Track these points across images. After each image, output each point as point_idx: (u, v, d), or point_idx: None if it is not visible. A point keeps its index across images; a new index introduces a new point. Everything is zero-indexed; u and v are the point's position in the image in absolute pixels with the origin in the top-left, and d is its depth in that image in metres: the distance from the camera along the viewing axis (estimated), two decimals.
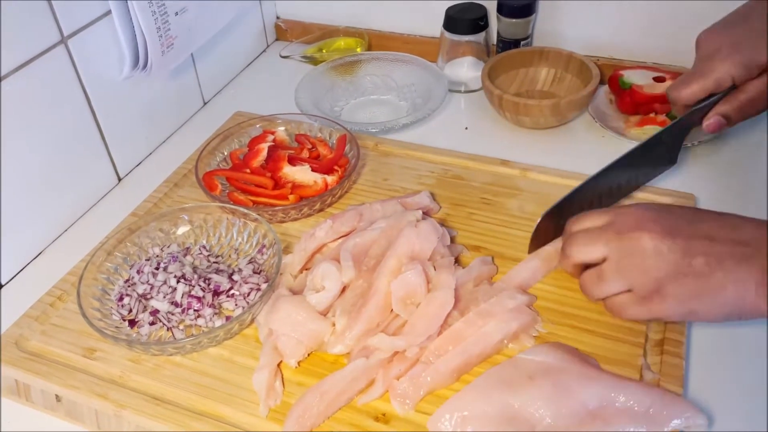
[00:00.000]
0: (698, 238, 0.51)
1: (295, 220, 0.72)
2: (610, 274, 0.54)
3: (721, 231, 0.51)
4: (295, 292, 0.62)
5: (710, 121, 0.65)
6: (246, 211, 0.67)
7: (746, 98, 0.64)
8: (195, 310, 0.60)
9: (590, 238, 0.55)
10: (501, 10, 0.90)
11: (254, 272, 0.63)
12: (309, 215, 0.73)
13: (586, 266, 0.57)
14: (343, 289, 0.60)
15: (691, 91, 0.65)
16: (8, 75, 0.65)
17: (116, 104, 0.79)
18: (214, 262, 0.65)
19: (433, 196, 0.73)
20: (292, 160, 0.75)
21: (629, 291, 0.54)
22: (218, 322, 0.60)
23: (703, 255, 0.50)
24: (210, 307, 0.60)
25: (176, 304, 0.60)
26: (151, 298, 0.61)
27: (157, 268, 0.63)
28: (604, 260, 0.54)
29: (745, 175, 0.76)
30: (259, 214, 0.67)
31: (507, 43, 0.92)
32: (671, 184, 0.74)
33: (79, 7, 0.71)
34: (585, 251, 0.55)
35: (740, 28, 0.63)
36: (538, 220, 0.63)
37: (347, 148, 0.77)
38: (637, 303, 0.53)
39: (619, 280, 0.54)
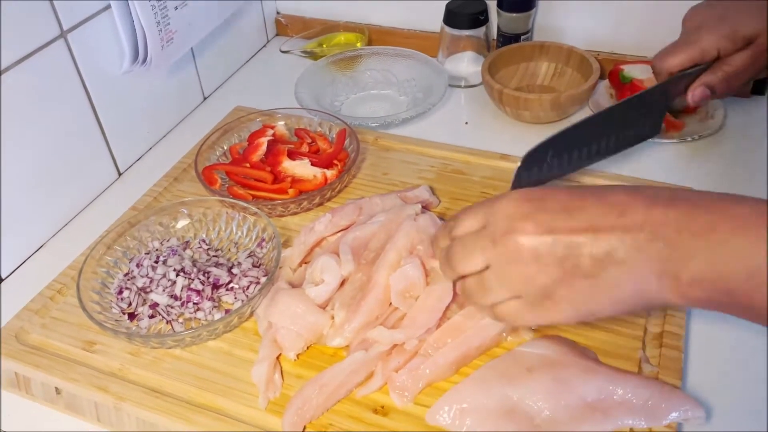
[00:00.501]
0: (580, 231, 0.44)
1: (295, 214, 0.72)
2: (493, 284, 0.47)
3: (605, 218, 0.44)
4: (295, 285, 0.62)
5: (696, 91, 0.66)
6: (245, 205, 0.67)
7: (731, 69, 0.64)
8: (194, 304, 0.60)
9: (467, 249, 0.48)
10: (501, 4, 0.90)
11: (253, 266, 0.64)
12: (308, 209, 0.73)
13: None
14: (342, 283, 0.60)
15: (676, 60, 0.65)
16: (8, 69, 0.65)
17: (116, 99, 0.79)
18: (213, 256, 0.66)
19: (432, 190, 0.73)
20: (292, 155, 0.75)
21: (519, 297, 0.47)
22: (217, 315, 0.60)
23: (588, 252, 0.44)
24: (209, 300, 0.61)
25: (176, 298, 0.60)
26: (151, 291, 0.61)
27: (156, 262, 0.63)
28: (486, 267, 0.48)
29: (745, 169, 0.76)
30: (258, 208, 0.67)
31: (507, 38, 0.92)
32: (671, 179, 0.73)
33: (78, 1, 0.71)
34: (464, 264, 0.48)
35: (726, 2, 0.64)
36: (516, 170, 0.60)
37: (347, 142, 0.77)
38: (528, 310, 0.47)
39: (503, 289, 0.47)
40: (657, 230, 0.42)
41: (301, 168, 0.74)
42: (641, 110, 0.67)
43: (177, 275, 0.61)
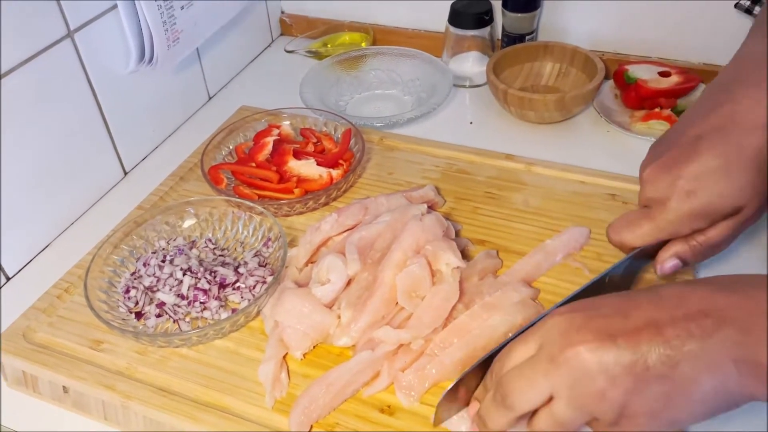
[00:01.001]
0: (641, 331, 0.40)
1: (300, 213, 0.72)
2: (565, 413, 0.42)
3: (664, 312, 0.41)
4: (301, 284, 0.62)
5: (666, 265, 0.55)
6: (251, 204, 0.68)
7: (708, 242, 0.53)
8: (201, 303, 0.60)
9: (525, 379, 0.43)
10: (506, 4, 0.90)
11: (260, 265, 0.64)
12: (314, 209, 0.73)
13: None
14: (349, 282, 0.61)
15: (637, 237, 0.54)
16: (15, 68, 0.65)
17: (122, 98, 0.79)
18: (219, 255, 0.66)
19: (437, 190, 0.73)
20: (298, 154, 0.76)
21: (595, 420, 0.42)
22: (224, 315, 0.61)
23: (655, 351, 0.40)
24: (216, 299, 0.61)
25: (182, 297, 0.61)
26: (158, 290, 0.61)
27: (163, 261, 0.63)
28: (551, 398, 0.42)
29: None
30: (264, 208, 0.67)
31: (512, 38, 0.92)
32: None
33: (85, 1, 0.71)
34: (526, 397, 0.42)
35: (693, 164, 0.51)
36: (452, 384, 0.49)
37: (352, 142, 0.77)
38: None
39: (577, 415, 0.42)
40: (724, 315, 0.39)
41: (306, 168, 0.74)
42: (610, 288, 0.56)
43: (184, 274, 0.61)
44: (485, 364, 0.49)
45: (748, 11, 0.79)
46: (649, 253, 0.55)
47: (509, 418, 0.43)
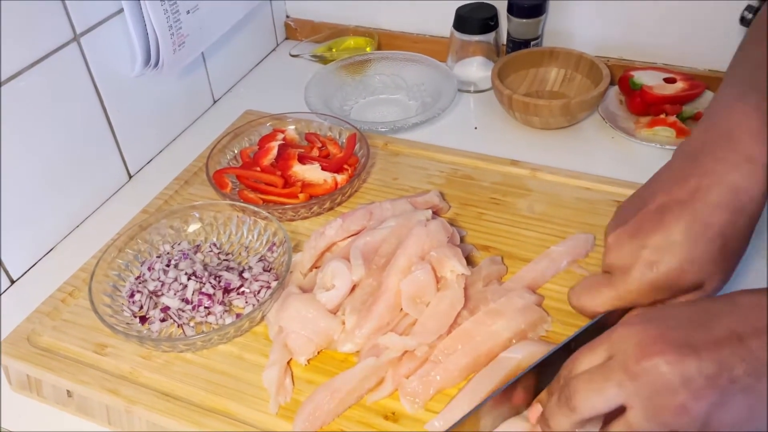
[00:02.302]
0: (724, 342, 0.40)
1: (305, 218, 0.72)
2: (644, 427, 0.41)
3: (745, 322, 0.40)
4: (305, 290, 0.62)
5: None
6: (256, 209, 0.68)
7: None
8: (205, 307, 0.60)
9: (595, 384, 0.42)
10: (511, 10, 0.90)
11: (264, 270, 0.64)
12: (319, 214, 0.73)
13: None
14: (353, 288, 0.60)
15: (599, 304, 0.54)
16: (21, 72, 0.65)
17: (127, 102, 0.80)
18: (224, 260, 0.66)
19: (442, 195, 0.73)
20: (302, 159, 0.76)
21: None
22: (228, 320, 0.60)
23: (740, 361, 0.39)
24: (220, 304, 0.61)
25: (187, 301, 0.60)
26: (162, 295, 0.61)
27: (167, 265, 0.63)
28: (624, 409, 0.42)
29: None
30: (269, 212, 0.67)
31: (517, 43, 0.92)
32: None
33: (91, 5, 0.72)
34: (593, 403, 0.42)
35: (657, 235, 0.50)
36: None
37: (357, 147, 0.77)
38: None
39: (657, 430, 0.41)
40: None
41: (311, 172, 0.74)
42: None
43: (188, 279, 0.61)
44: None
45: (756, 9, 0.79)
46: (612, 320, 0.54)
47: (573, 421, 0.43)
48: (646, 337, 0.42)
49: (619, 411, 0.42)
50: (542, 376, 0.51)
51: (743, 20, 0.80)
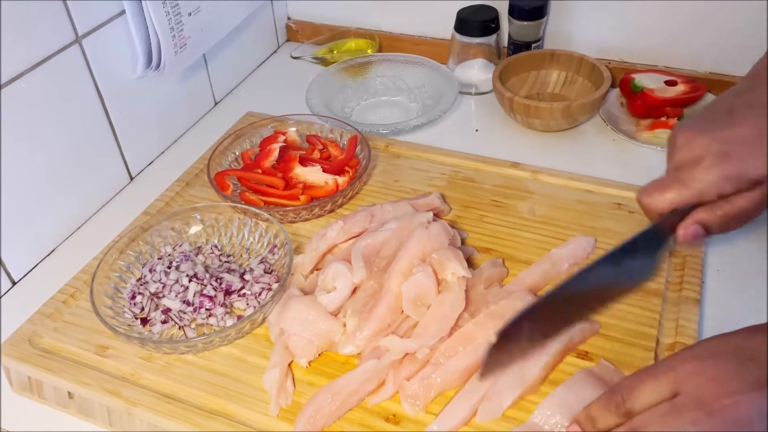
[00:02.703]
0: None
1: (306, 220, 0.72)
2: None
3: None
4: (306, 292, 0.62)
5: (689, 229, 0.53)
6: (257, 211, 0.68)
7: (732, 211, 0.52)
8: (207, 309, 0.60)
9: (671, 423, 0.42)
10: (512, 12, 0.90)
11: (265, 272, 0.64)
12: (320, 216, 0.73)
13: None
14: (354, 290, 0.60)
15: (667, 200, 0.53)
16: (23, 74, 0.65)
17: (129, 103, 0.80)
18: (225, 262, 0.66)
19: (443, 197, 0.73)
20: (304, 161, 0.76)
21: None
22: (230, 322, 0.61)
23: None
24: (221, 306, 0.61)
25: (188, 303, 0.61)
26: (163, 296, 0.61)
27: (169, 267, 0.63)
28: None
29: None
30: (270, 214, 0.67)
31: (518, 46, 0.92)
32: None
33: (93, 6, 0.72)
34: None
35: (727, 131, 0.51)
36: (494, 339, 0.47)
37: (358, 149, 0.78)
38: None
39: None
40: None
41: (312, 174, 0.74)
42: (632, 258, 0.54)
43: (190, 281, 0.61)
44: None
45: None
46: (668, 230, 0.54)
47: None
48: (720, 373, 0.42)
49: None
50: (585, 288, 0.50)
51: None
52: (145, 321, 0.61)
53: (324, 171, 0.74)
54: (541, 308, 0.49)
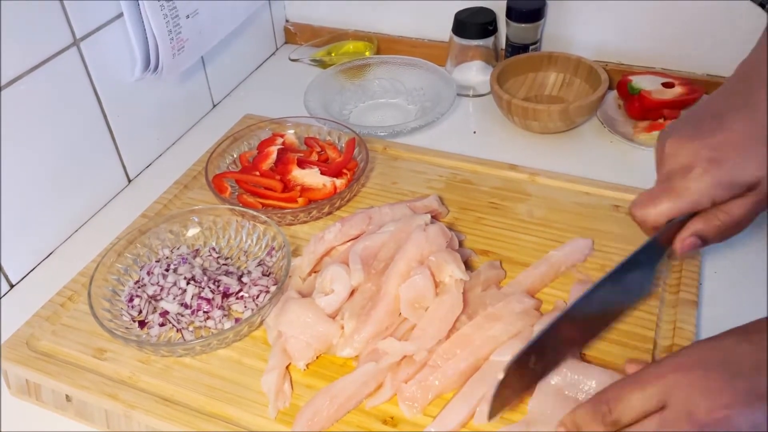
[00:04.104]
0: None
1: (304, 222, 0.73)
2: None
3: None
4: (304, 294, 0.62)
5: (686, 242, 0.52)
6: (255, 213, 0.68)
7: (729, 219, 0.52)
8: (204, 312, 0.60)
9: None
10: (510, 14, 0.91)
11: (263, 274, 0.64)
12: (318, 218, 0.73)
13: None
14: (352, 292, 0.61)
15: (660, 212, 0.52)
16: (21, 76, 0.65)
17: (127, 106, 0.80)
18: (223, 264, 0.66)
19: (441, 200, 0.73)
20: (302, 163, 0.76)
21: None
22: (227, 324, 0.61)
23: None
24: (219, 308, 0.61)
25: (186, 306, 0.61)
26: (161, 299, 0.61)
27: (167, 270, 0.63)
28: None
29: None
30: (268, 217, 0.67)
31: (516, 48, 0.93)
32: None
33: (91, 9, 0.72)
34: None
35: (717, 136, 0.50)
36: (502, 375, 0.46)
37: (356, 151, 0.78)
38: None
39: None
40: None
41: (310, 177, 0.74)
42: (632, 277, 0.53)
43: (187, 283, 0.61)
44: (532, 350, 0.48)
45: (762, 4, 0.78)
46: (665, 243, 0.54)
47: None
48: (710, 385, 0.41)
49: None
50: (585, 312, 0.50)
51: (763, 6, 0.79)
52: (142, 324, 0.61)
53: (322, 173, 0.74)
54: (545, 339, 0.48)
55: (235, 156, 0.80)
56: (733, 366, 0.42)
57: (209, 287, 0.61)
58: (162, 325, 0.60)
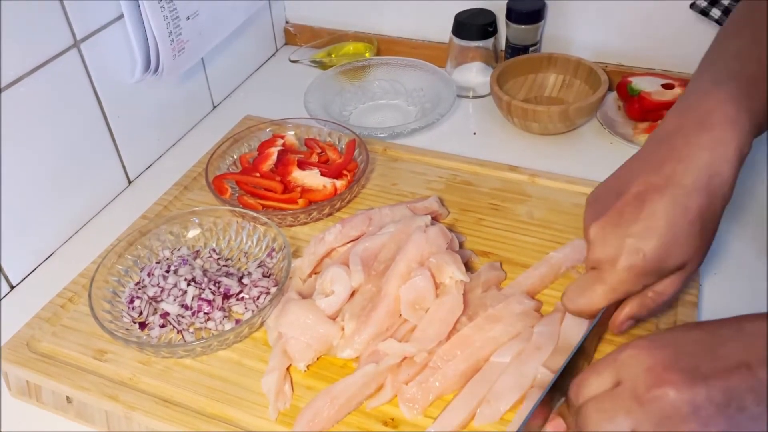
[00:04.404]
0: (733, 370, 0.40)
1: (305, 224, 0.73)
2: None
3: (754, 350, 0.40)
4: (305, 295, 0.62)
5: (623, 325, 0.55)
6: (255, 214, 0.68)
7: (660, 299, 0.54)
8: (205, 313, 0.60)
9: (605, 412, 0.42)
10: (510, 16, 0.91)
11: (264, 276, 0.64)
12: (318, 219, 0.73)
13: None
14: (353, 294, 0.61)
15: (593, 304, 0.53)
16: (22, 78, 0.65)
17: (127, 107, 0.80)
18: (223, 266, 0.66)
19: (441, 201, 0.73)
20: (302, 165, 0.76)
21: None
22: (228, 326, 0.61)
23: (749, 390, 0.39)
24: (220, 310, 0.61)
25: (186, 307, 0.61)
26: (162, 300, 0.61)
27: (167, 271, 0.63)
28: None
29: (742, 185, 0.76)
30: (268, 218, 0.67)
31: (516, 49, 0.93)
32: None
33: (91, 11, 0.72)
34: (606, 430, 0.41)
35: (638, 224, 0.50)
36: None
37: (356, 152, 0.78)
38: None
39: None
40: None
41: (310, 178, 0.74)
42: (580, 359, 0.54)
43: (188, 285, 0.61)
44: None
45: (704, 12, 0.78)
46: (609, 313, 0.56)
47: None
48: (655, 363, 0.41)
49: None
50: (557, 385, 0.51)
51: (693, 5, 0.79)
52: (143, 325, 0.61)
53: (322, 174, 0.74)
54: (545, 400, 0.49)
55: (235, 157, 0.80)
56: (679, 346, 0.42)
57: (210, 288, 0.61)
58: (162, 326, 0.60)
